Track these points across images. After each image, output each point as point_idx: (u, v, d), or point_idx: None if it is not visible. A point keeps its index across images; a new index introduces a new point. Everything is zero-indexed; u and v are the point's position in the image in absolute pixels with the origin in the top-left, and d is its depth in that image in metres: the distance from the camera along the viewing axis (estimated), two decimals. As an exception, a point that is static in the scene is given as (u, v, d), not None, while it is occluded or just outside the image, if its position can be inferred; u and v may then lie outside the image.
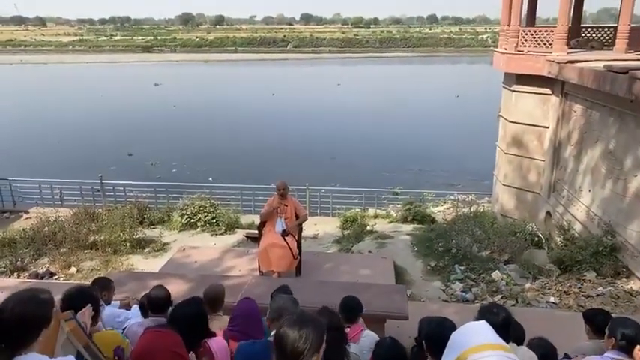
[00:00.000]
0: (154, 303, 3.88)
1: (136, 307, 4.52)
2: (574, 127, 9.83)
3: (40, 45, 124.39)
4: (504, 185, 12.25)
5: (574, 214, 9.54)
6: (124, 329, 4.01)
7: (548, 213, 10.89)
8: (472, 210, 13.45)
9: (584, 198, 9.23)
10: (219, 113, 42.18)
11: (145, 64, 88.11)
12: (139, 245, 10.54)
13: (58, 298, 3.33)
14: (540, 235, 9.94)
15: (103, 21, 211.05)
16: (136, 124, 37.84)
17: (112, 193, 14.79)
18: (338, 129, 35.75)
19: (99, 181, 14.59)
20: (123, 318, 4.31)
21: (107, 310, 4.18)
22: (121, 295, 5.03)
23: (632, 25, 10.90)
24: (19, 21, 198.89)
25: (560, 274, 7.96)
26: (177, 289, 5.40)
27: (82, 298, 3.27)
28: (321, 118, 40.22)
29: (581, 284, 7.42)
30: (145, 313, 4.13)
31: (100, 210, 12.63)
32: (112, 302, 4.58)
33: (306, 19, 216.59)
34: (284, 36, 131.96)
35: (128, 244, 10.38)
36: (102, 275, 6.34)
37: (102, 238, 10.47)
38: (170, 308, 3.75)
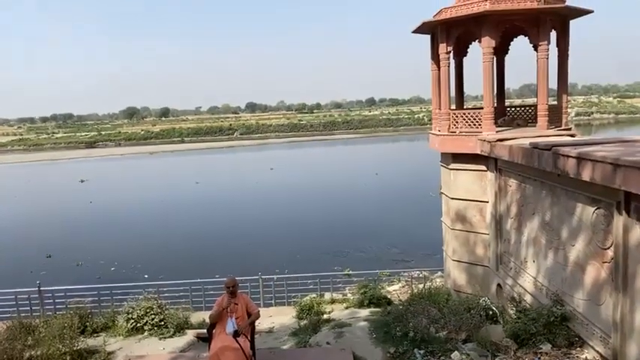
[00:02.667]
0: None
1: None
2: (511, 201, 10.30)
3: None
4: (454, 260, 12.45)
5: (523, 286, 9.73)
6: None
7: (499, 285, 11.06)
8: (426, 287, 13.49)
9: (530, 269, 9.48)
10: (150, 208, 41.49)
11: (85, 160, 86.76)
12: (81, 358, 9.73)
13: None
14: (494, 308, 9.99)
15: (44, 119, 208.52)
16: (54, 224, 36.49)
17: (50, 301, 13.88)
18: (277, 213, 35.85)
19: (36, 289, 13.72)
20: None
21: None
22: None
23: (550, 103, 11.91)
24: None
25: (518, 349, 7.93)
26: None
27: None
28: (258, 203, 40.33)
29: (539, 358, 7.42)
30: None
31: (37, 321, 11.75)
32: None
33: (252, 107, 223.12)
34: (230, 124, 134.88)
35: (68, 357, 9.56)
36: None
37: (39, 353, 9.62)
38: None
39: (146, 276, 20.12)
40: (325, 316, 11.38)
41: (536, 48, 11.16)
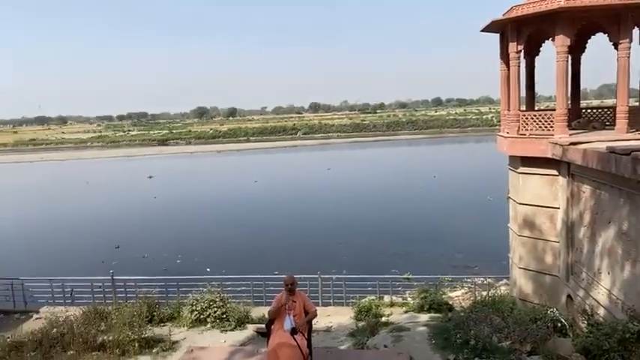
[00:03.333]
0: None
1: None
2: (585, 208, 9.73)
3: (61, 142, 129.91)
4: (520, 268, 11.93)
5: (596, 298, 9.18)
6: None
7: (569, 296, 10.49)
8: (490, 294, 13.03)
9: (605, 281, 8.92)
10: (212, 204, 42.62)
11: (157, 157, 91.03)
12: (148, 345, 10.24)
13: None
14: (563, 321, 9.49)
15: (121, 117, 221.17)
16: (122, 217, 38.36)
17: (122, 289, 14.68)
18: (342, 213, 35.80)
19: (110, 277, 14.57)
20: None
21: None
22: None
23: (631, 104, 11.13)
24: (42, 121, 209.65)
25: (588, 366, 7.50)
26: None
27: None
28: (316, 203, 40.50)
29: (612, 376, 6.96)
30: None
31: (110, 308, 12.48)
32: None
33: (315, 107, 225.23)
34: (294, 124, 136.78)
35: (137, 344, 10.09)
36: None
37: (110, 338, 10.22)
38: None
39: (208, 269, 20.76)
40: (384, 319, 11.29)
41: (616, 46, 10.45)
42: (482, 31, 12.43)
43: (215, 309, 11.66)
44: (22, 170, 79.55)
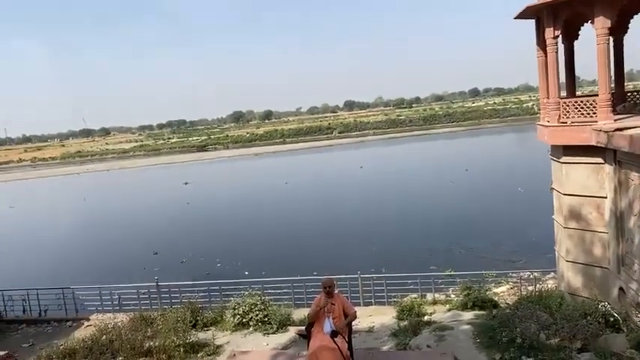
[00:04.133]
0: None
1: None
2: (635, 196, 9.25)
3: (105, 153, 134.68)
4: (568, 261, 11.48)
5: (650, 290, 8.72)
6: None
7: (621, 289, 10.01)
8: (537, 289, 12.61)
9: (659, 272, 8.46)
10: (246, 207, 43.07)
11: (196, 163, 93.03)
12: (193, 350, 10.45)
13: None
14: (616, 315, 9.07)
15: (161, 126, 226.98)
16: (158, 223, 39.30)
17: (167, 295, 15.03)
18: (378, 211, 35.46)
19: (155, 284, 14.94)
20: None
21: None
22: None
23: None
24: (87, 133, 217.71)
25: (645, 362, 7.12)
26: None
27: None
28: (351, 202, 40.19)
29: (671, 373, 6.59)
30: None
31: (156, 313, 12.80)
32: None
33: (350, 105, 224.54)
34: (329, 123, 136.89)
35: (182, 349, 10.31)
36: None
37: (156, 344, 10.47)
38: None
39: (246, 272, 20.94)
40: (426, 318, 11.09)
41: (661, 24, 9.92)
42: (517, 17, 12.04)
43: (257, 312, 11.78)
44: (69, 181, 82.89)
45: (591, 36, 10.43)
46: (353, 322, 7.75)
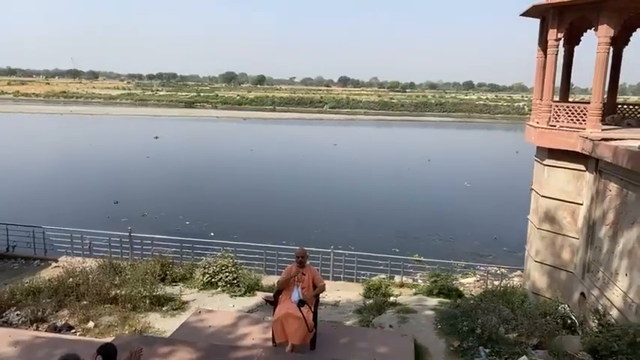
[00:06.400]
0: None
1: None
2: (609, 207, 9.46)
3: (91, 97, 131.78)
4: (536, 261, 11.76)
5: (610, 299, 9.00)
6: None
7: (582, 294, 10.32)
8: (502, 285, 12.90)
9: (621, 282, 8.72)
10: (219, 171, 42.83)
11: (182, 119, 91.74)
12: (159, 303, 10.46)
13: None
14: (574, 318, 9.34)
15: (151, 76, 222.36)
16: (119, 174, 38.92)
17: (139, 246, 14.97)
18: (357, 192, 35.68)
19: (127, 234, 14.86)
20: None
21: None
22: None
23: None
24: (74, 74, 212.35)
25: (595, 365, 7.38)
26: (185, 359, 5.24)
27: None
28: (337, 180, 40.30)
29: (618, 378, 6.85)
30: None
31: (125, 263, 12.77)
32: None
33: (344, 81, 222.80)
34: (321, 97, 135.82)
35: (148, 300, 10.32)
36: (111, 340, 6.22)
37: (123, 292, 10.46)
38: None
39: (212, 234, 20.78)
40: (392, 299, 11.29)
41: (662, 41, 9.99)
42: (522, 15, 12.00)
43: (227, 274, 11.81)
44: (49, 121, 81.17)
45: (592, 45, 10.49)
46: (320, 295, 7.86)
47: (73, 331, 9.31)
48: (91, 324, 9.48)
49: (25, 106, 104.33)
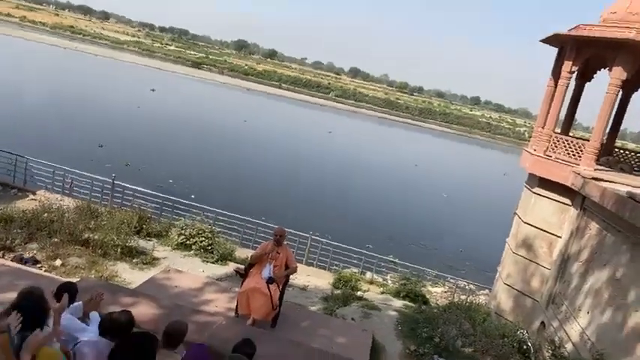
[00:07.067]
0: (113, 326, 3.79)
1: (96, 322, 4.39)
2: (586, 245, 9.61)
3: (98, 37, 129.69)
4: (505, 284, 11.93)
5: (568, 332, 9.18)
6: (76, 344, 3.92)
7: (542, 323, 10.50)
8: (468, 300, 13.08)
9: (582, 319, 8.89)
10: (205, 134, 42.50)
11: (185, 77, 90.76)
12: (130, 254, 10.47)
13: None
14: (530, 344, 9.52)
15: (162, 29, 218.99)
16: (108, 119, 38.57)
17: (120, 195, 14.88)
18: (344, 185, 35.78)
19: (110, 180, 14.76)
20: (80, 330, 4.19)
21: (66, 320, 4.07)
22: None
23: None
24: (86, 11, 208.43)
25: (541, 393, 7.56)
26: (146, 314, 5.27)
27: (31, 308, 3.25)
28: (326, 169, 40.29)
29: (560, 410, 7.03)
30: (102, 332, 4.01)
31: (103, 209, 12.70)
32: (75, 304, 4.43)
33: (354, 72, 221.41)
34: (329, 83, 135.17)
35: (119, 249, 10.32)
36: (75, 281, 6.20)
37: (96, 237, 10.43)
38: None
39: (193, 196, 20.58)
40: (359, 293, 11.40)
41: (671, 94, 10.08)
42: (542, 41, 11.99)
43: (202, 239, 11.83)
44: (50, 51, 79.85)
45: (603, 84, 10.54)
46: (291, 276, 7.91)
47: (39, 265, 9.28)
48: (58, 262, 9.46)
49: (29, 33, 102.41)
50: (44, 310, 3.48)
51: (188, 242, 11.77)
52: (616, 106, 11.97)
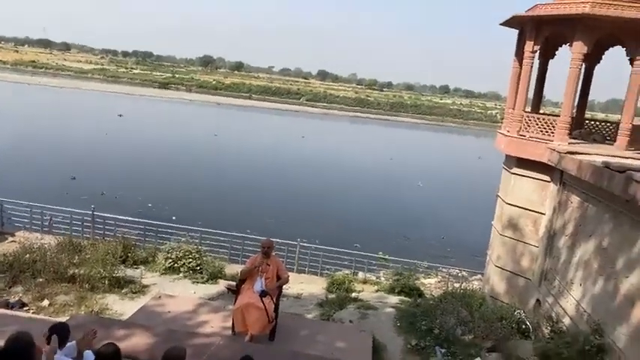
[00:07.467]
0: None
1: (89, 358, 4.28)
2: (570, 218, 9.75)
3: (61, 69, 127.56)
4: (497, 266, 12.03)
5: (564, 307, 9.29)
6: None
7: (538, 301, 10.62)
8: (462, 287, 13.17)
9: (575, 291, 9.01)
10: (183, 155, 42.02)
11: (153, 99, 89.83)
12: (118, 284, 10.28)
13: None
14: (528, 323, 9.63)
15: (125, 53, 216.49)
16: (77, 150, 37.99)
17: (101, 226, 14.63)
18: (325, 186, 35.78)
19: (90, 212, 14.49)
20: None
21: (59, 361, 3.96)
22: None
23: (636, 123, 11.05)
24: (46, 44, 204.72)
25: (544, 370, 7.64)
26: (141, 344, 5.16)
27: (19, 354, 3.15)
28: (304, 173, 40.30)
29: (565, 384, 7.10)
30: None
31: (86, 242, 12.47)
32: (68, 344, 4.33)
33: (323, 75, 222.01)
34: (298, 89, 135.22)
35: (107, 281, 10.13)
36: (65, 320, 6.06)
37: (81, 272, 10.23)
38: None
39: (174, 218, 20.36)
40: (354, 295, 11.38)
41: (631, 62, 10.31)
42: (502, 24, 12.18)
43: (190, 260, 11.68)
44: (15, 89, 78.29)
45: (565, 60, 10.75)
46: (284, 287, 7.86)
47: (27, 308, 9.06)
48: (45, 302, 9.25)
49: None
50: (32, 356, 3.38)
51: (176, 265, 11.62)
52: (581, 80, 12.22)
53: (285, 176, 37.30)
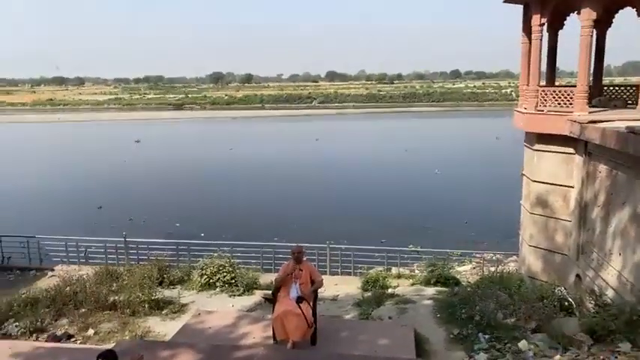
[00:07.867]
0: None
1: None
2: (600, 188, 9.56)
3: (78, 104, 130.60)
4: (530, 246, 11.86)
5: (605, 279, 9.11)
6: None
7: (577, 276, 10.43)
8: (498, 271, 13.01)
9: (615, 262, 8.83)
10: (209, 171, 42.90)
11: (171, 121, 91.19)
12: (158, 306, 10.44)
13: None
14: (570, 300, 9.45)
15: (137, 80, 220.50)
16: (99, 178, 39.05)
17: (134, 251, 14.94)
18: (350, 186, 35.84)
19: (122, 239, 14.82)
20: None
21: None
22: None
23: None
24: (60, 81, 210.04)
25: (593, 345, 7.47)
26: (187, 362, 5.25)
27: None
28: (328, 175, 40.36)
29: (616, 357, 6.95)
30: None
31: (122, 268, 12.73)
32: None
33: (331, 76, 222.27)
34: (309, 93, 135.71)
35: (147, 305, 10.30)
36: (111, 346, 6.22)
37: (121, 298, 10.44)
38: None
39: (202, 234, 20.55)
40: (390, 291, 11.35)
41: (644, 22, 10.08)
42: (506, 1, 12.03)
43: (224, 274, 11.82)
44: (34, 130, 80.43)
45: (576, 29, 10.56)
46: (319, 290, 7.89)
47: (73, 339, 9.28)
48: (90, 331, 9.45)
49: (12, 116, 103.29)
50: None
51: (211, 281, 11.77)
52: (594, 46, 11.98)
53: (302, 181, 37.46)
